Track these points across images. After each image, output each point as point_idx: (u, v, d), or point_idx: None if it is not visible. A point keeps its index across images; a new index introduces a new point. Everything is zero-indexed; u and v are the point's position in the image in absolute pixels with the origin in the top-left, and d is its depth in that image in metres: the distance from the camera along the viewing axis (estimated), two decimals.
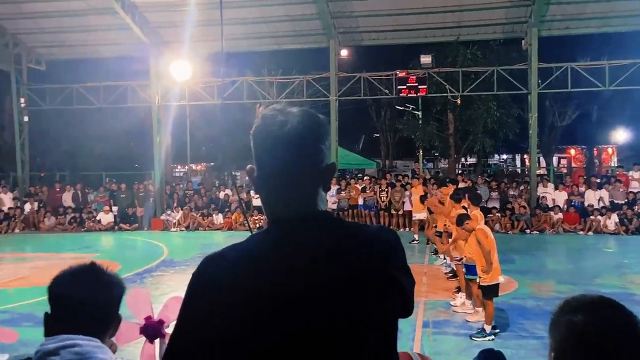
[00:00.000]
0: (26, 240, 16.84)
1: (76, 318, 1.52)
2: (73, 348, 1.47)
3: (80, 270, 1.60)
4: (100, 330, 1.57)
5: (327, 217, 1.29)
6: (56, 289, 1.57)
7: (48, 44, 19.56)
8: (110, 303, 1.60)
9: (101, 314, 1.57)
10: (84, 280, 1.57)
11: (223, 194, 19.25)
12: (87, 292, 1.55)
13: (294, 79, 19.59)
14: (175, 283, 9.91)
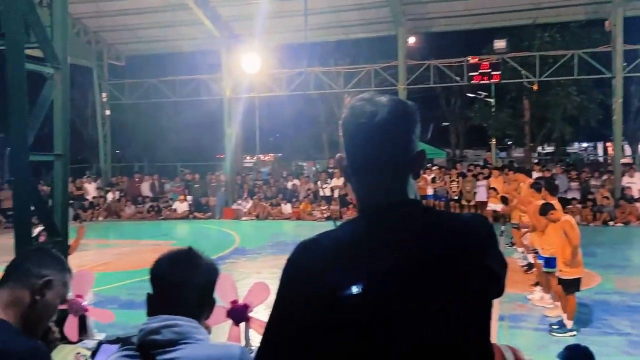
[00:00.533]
0: (109, 228, 17.80)
1: (175, 300, 1.58)
2: (174, 328, 1.52)
3: (179, 254, 1.65)
4: (197, 313, 1.61)
5: (419, 205, 1.28)
6: (156, 271, 1.62)
7: (127, 40, 20.50)
8: (205, 286, 1.64)
9: (197, 297, 1.61)
10: (182, 264, 1.63)
11: (291, 184, 19.49)
12: (184, 275, 1.60)
13: (361, 69, 19.47)
14: (247, 270, 10.16)
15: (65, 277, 1.74)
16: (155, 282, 1.62)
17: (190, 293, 1.58)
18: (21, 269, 1.65)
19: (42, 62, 4.52)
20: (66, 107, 4.70)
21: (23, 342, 1.50)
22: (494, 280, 1.27)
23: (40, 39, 4.38)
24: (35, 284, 1.62)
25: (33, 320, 1.63)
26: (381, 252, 1.17)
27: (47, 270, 1.67)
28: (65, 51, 4.70)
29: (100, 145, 21.30)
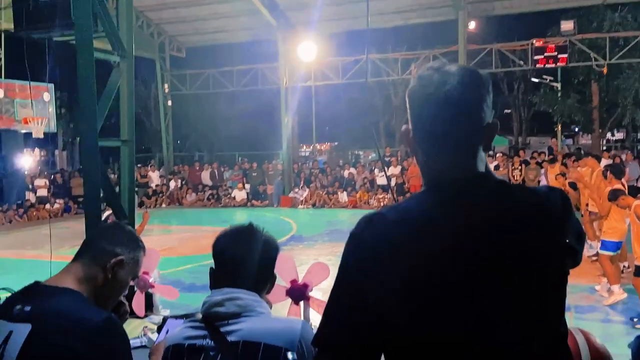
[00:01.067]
0: (171, 214, 18.40)
1: (236, 273, 1.61)
2: (236, 301, 1.56)
3: (240, 230, 1.69)
4: (258, 287, 1.64)
5: (490, 179, 1.22)
6: (218, 247, 1.66)
7: (187, 32, 21.00)
8: (266, 261, 1.67)
9: (258, 271, 1.64)
10: (243, 239, 1.66)
11: (347, 172, 19.47)
12: (245, 249, 1.63)
13: (419, 55, 19.12)
14: (305, 257, 10.25)
15: (138, 256, 1.78)
16: (217, 257, 1.66)
17: (250, 267, 1.61)
18: (95, 246, 1.70)
19: (108, 52, 4.70)
20: (131, 94, 4.87)
21: (97, 313, 1.55)
22: (572, 256, 1.23)
23: (107, 28, 4.56)
24: (107, 262, 1.67)
25: (105, 296, 1.69)
26: (451, 228, 1.13)
27: (120, 249, 1.70)
28: (131, 40, 4.86)
29: (163, 135, 22.01)
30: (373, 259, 1.13)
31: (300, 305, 2.44)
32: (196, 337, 1.55)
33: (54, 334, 1.48)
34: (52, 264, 2.91)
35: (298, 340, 1.51)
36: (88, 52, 4.22)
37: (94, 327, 1.49)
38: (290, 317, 1.69)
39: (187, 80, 21.73)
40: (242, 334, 1.51)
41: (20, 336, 1.50)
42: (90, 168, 4.26)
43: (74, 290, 1.60)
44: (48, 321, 1.50)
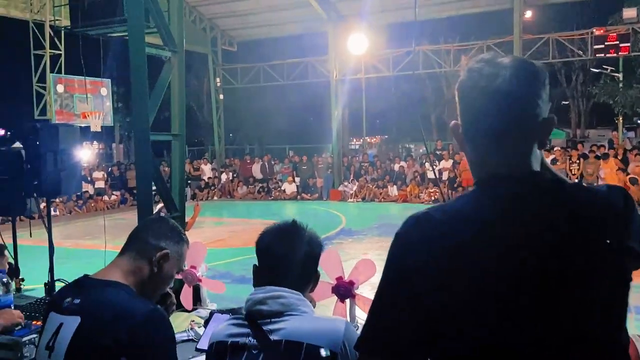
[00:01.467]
0: (223, 207, 18.74)
1: (280, 271, 1.59)
2: (279, 299, 1.53)
3: (284, 227, 1.66)
4: (301, 285, 1.62)
5: (545, 178, 1.15)
6: (262, 244, 1.65)
7: (238, 26, 21.26)
8: (309, 259, 1.64)
9: (301, 269, 1.62)
10: (287, 236, 1.63)
11: (397, 166, 19.25)
12: (288, 247, 1.61)
13: (472, 45, 18.62)
14: (354, 251, 10.21)
15: (182, 249, 1.81)
16: (260, 254, 1.65)
17: (294, 265, 1.59)
18: (141, 240, 1.74)
19: (160, 47, 4.79)
20: (182, 89, 4.93)
21: (144, 304, 1.59)
22: (636, 259, 1.13)
23: (158, 23, 4.63)
24: (153, 256, 1.70)
25: (151, 289, 1.73)
26: (504, 231, 1.05)
27: (165, 242, 1.74)
28: (182, 35, 4.92)
29: (215, 129, 22.43)
30: (420, 261, 1.07)
31: (346, 303, 2.39)
32: (239, 334, 1.54)
33: (101, 326, 1.52)
34: (107, 254, 2.99)
35: (342, 341, 1.48)
36: (140, 48, 4.30)
37: (139, 319, 1.53)
38: (334, 317, 1.65)
39: (239, 73, 22.02)
40: (284, 333, 1.49)
41: (69, 328, 1.55)
42: (142, 162, 4.35)
43: (121, 283, 1.64)
44: (96, 314, 1.55)
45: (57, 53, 16.25)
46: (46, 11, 15.31)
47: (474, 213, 1.09)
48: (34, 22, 15.62)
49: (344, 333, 1.50)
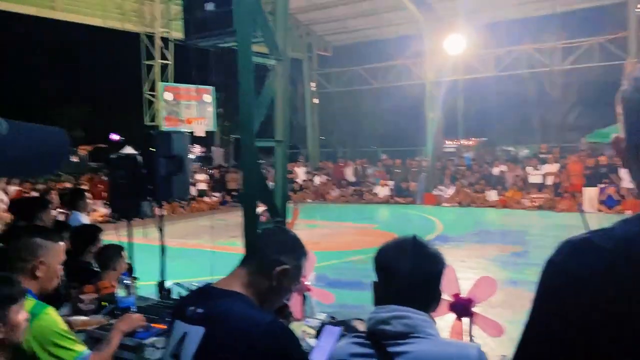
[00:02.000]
0: (316, 209, 18.95)
1: (402, 290, 1.53)
2: (404, 320, 1.47)
3: (405, 243, 1.60)
4: (425, 305, 1.55)
5: None
6: (382, 260, 1.60)
7: (334, 31, 21.47)
8: (432, 277, 1.57)
9: (424, 288, 1.55)
10: (409, 253, 1.57)
11: (497, 169, 18.48)
12: (411, 264, 1.54)
13: (582, 43, 17.47)
14: (452, 258, 9.72)
15: (301, 263, 1.80)
16: (380, 271, 1.59)
17: (417, 284, 1.53)
18: (262, 254, 1.75)
19: (266, 55, 4.91)
20: (286, 96, 5.03)
21: (265, 316, 1.61)
22: None
23: (265, 33, 4.74)
24: (273, 270, 1.70)
25: (269, 301, 1.74)
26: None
27: (285, 257, 1.73)
28: (285, 44, 5.02)
29: (309, 132, 22.78)
30: (583, 294, 0.95)
31: (463, 321, 2.28)
32: (362, 354, 1.50)
33: (226, 336, 1.55)
34: (211, 253, 3.09)
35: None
36: (247, 57, 4.43)
37: (264, 330, 1.54)
38: (466, 342, 1.56)
39: (333, 78, 22.22)
40: (411, 357, 1.42)
41: (194, 339, 1.59)
42: (249, 167, 4.48)
43: (242, 294, 1.66)
44: (219, 325, 1.57)
45: (166, 63, 17.28)
46: (157, 24, 16.32)
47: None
48: (145, 34, 16.72)
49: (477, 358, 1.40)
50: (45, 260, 2.42)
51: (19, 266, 2.37)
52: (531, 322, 1.03)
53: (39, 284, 2.38)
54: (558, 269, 1.00)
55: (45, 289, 2.41)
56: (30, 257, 2.40)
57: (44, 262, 2.41)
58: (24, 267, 2.37)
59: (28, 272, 2.37)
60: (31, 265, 2.38)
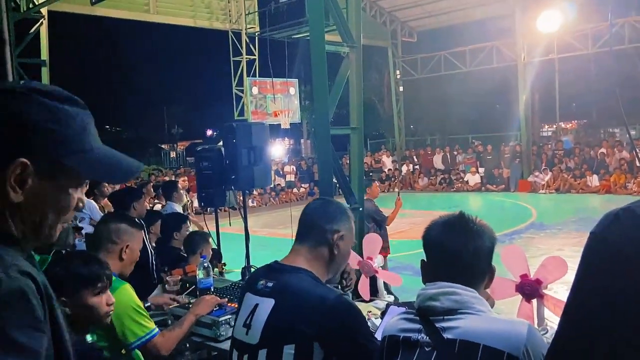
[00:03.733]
0: (404, 199, 18.45)
1: (450, 266, 1.52)
2: (452, 296, 1.47)
3: (452, 220, 1.59)
4: (475, 281, 1.53)
5: None
6: (430, 237, 1.59)
7: (418, 16, 21.00)
8: (481, 253, 1.53)
9: (474, 264, 1.53)
10: (456, 230, 1.55)
11: (599, 152, 17.26)
12: (459, 240, 1.53)
13: None
14: (546, 247, 9.44)
15: (351, 224, 1.93)
16: (429, 248, 1.59)
17: (466, 260, 1.51)
18: (316, 227, 1.85)
19: (339, 44, 4.92)
20: (359, 84, 5.02)
21: (331, 292, 1.73)
22: None
23: (337, 21, 4.76)
24: (330, 239, 1.83)
25: (334, 269, 1.89)
26: None
27: (337, 224, 1.86)
28: (359, 31, 5.00)
29: (395, 121, 22.53)
30: (622, 262, 0.89)
31: (533, 304, 2.19)
32: (411, 330, 1.51)
33: (294, 309, 1.67)
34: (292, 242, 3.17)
35: (524, 345, 1.35)
36: (320, 46, 4.47)
37: (331, 304, 1.65)
38: (515, 318, 1.51)
39: (418, 64, 21.78)
40: (459, 332, 1.41)
41: (265, 309, 1.73)
42: (323, 155, 4.54)
43: (307, 269, 1.78)
44: (288, 298, 1.71)
45: (252, 58, 17.81)
46: (242, 20, 16.86)
47: None
48: (232, 31, 17.33)
49: (527, 337, 1.36)
50: (131, 245, 2.61)
51: (108, 247, 2.58)
52: (572, 299, 0.98)
53: (122, 266, 2.58)
54: (596, 240, 0.95)
55: (125, 272, 2.60)
56: (119, 240, 2.60)
57: (130, 246, 2.61)
58: (113, 249, 2.58)
59: (116, 254, 2.57)
60: (119, 247, 2.58)
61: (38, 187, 0.94)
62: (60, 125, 0.96)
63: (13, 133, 0.92)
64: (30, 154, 0.92)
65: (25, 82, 1.00)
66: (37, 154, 0.93)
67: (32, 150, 0.93)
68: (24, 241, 0.96)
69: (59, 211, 0.99)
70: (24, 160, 0.91)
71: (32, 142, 0.93)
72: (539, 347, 1.36)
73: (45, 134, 0.94)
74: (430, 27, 21.87)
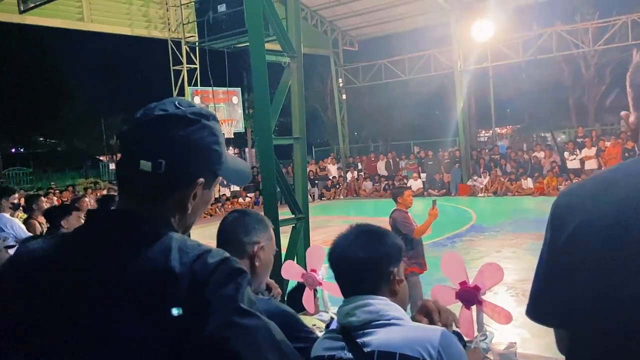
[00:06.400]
0: (349, 205, 18.93)
1: (354, 278, 1.55)
2: (365, 307, 1.50)
3: (346, 233, 1.61)
4: (379, 288, 1.54)
5: None
6: (330, 255, 1.61)
7: (359, 25, 21.33)
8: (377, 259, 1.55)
9: (375, 271, 1.54)
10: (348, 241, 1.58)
11: (533, 156, 18.05)
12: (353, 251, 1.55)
13: (614, 21, 16.87)
14: (486, 248, 9.73)
15: (270, 233, 1.92)
16: (332, 265, 1.61)
17: (366, 268, 1.53)
18: (235, 241, 1.84)
19: (279, 53, 4.91)
20: (301, 93, 5.03)
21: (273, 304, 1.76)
22: None
23: (277, 32, 4.75)
24: (251, 252, 1.83)
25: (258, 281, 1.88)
26: None
27: (257, 236, 1.86)
28: (300, 40, 5.01)
29: (339, 128, 22.74)
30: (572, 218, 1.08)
31: (472, 310, 2.24)
32: (335, 347, 1.53)
33: None
34: None
35: (437, 350, 1.39)
36: (260, 56, 4.45)
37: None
38: (429, 326, 1.55)
39: (360, 72, 22.11)
40: (377, 344, 1.44)
41: None
42: (266, 165, 4.50)
43: None
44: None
45: (193, 67, 17.54)
46: (182, 29, 16.58)
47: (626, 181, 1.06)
48: (171, 40, 17.01)
49: (440, 341, 1.41)
50: None
51: None
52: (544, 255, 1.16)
53: None
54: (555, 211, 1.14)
55: None
56: None
57: None
58: None
59: None
60: None
61: (201, 196, 1.12)
62: (219, 145, 1.13)
63: (196, 157, 1.09)
64: (204, 172, 1.10)
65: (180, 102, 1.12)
66: (207, 171, 1.11)
67: (205, 169, 1.11)
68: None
69: (205, 209, 1.17)
70: (202, 179, 1.09)
71: (206, 163, 1.11)
72: (453, 350, 1.41)
73: (212, 154, 1.12)
74: (371, 36, 22.27)
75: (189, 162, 1.08)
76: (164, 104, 1.12)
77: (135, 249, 1.00)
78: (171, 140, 1.06)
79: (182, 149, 1.07)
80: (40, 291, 1.02)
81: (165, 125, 1.07)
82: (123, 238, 1.03)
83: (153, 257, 0.99)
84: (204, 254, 1.01)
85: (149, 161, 1.05)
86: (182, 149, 1.07)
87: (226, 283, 0.99)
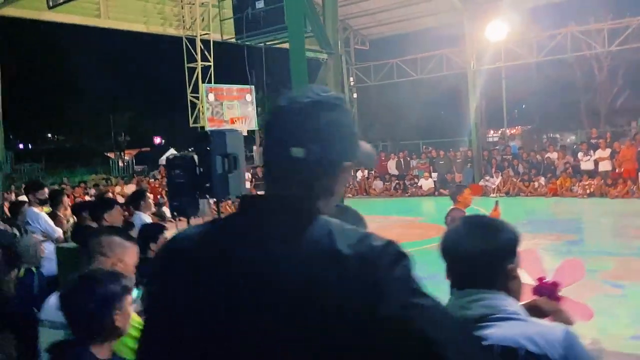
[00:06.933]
0: (358, 204, 18.68)
1: (468, 272, 1.50)
2: (480, 302, 1.45)
3: (463, 224, 1.57)
4: (499, 285, 1.48)
5: None
6: (443, 246, 1.56)
7: (371, 24, 21.32)
8: (495, 253, 1.49)
9: (490, 266, 1.49)
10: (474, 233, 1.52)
11: (546, 157, 18.01)
12: (477, 244, 1.49)
13: (629, 22, 16.82)
14: None
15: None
16: (445, 257, 1.56)
17: (481, 263, 1.47)
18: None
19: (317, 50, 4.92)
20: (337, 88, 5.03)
21: None
22: None
23: (315, 28, 4.75)
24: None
25: None
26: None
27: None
28: (336, 37, 5.03)
29: None
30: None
31: None
32: None
33: None
34: None
35: (563, 347, 1.35)
36: (300, 52, 4.45)
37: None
38: (551, 322, 1.52)
39: (371, 71, 22.10)
40: (496, 338, 1.39)
41: None
42: None
43: None
44: None
45: (207, 64, 17.56)
46: (197, 27, 16.61)
47: None
48: (186, 37, 17.03)
49: (565, 338, 1.36)
50: (123, 258, 2.49)
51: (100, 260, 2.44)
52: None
53: None
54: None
55: None
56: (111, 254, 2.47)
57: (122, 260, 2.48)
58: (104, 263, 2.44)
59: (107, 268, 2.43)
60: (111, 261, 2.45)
61: (344, 179, 1.14)
62: (356, 128, 1.16)
63: (343, 141, 1.11)
64: (349, 155, 1.12)
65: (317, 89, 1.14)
66: (351, 154, 1.13)
67: (350, 152, 1.12)
68: None
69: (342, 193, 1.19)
70: (349, 162, 1.12)
71: (351, 146, 1.13)
72: (578, 349, 1.37)
73: (353, 137, 1.14)
74: (382, 36, 22.26)
75: (338, 146, 1.09)
76: (305, 91, 1.13)
77: (300, 233, 1.02)
78: (321, 125, 1.08)
79: (331, 134, 1.08)
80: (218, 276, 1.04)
81: (314, 111, 1.09)
82: (286, 222, 1.05)
83: (318, 240, 1.01)
84: (367, 237, 1.02)
85: (301, 147, 1.06)
86: (331, 134, 1.08)
87: (396, 264, 1.00)
